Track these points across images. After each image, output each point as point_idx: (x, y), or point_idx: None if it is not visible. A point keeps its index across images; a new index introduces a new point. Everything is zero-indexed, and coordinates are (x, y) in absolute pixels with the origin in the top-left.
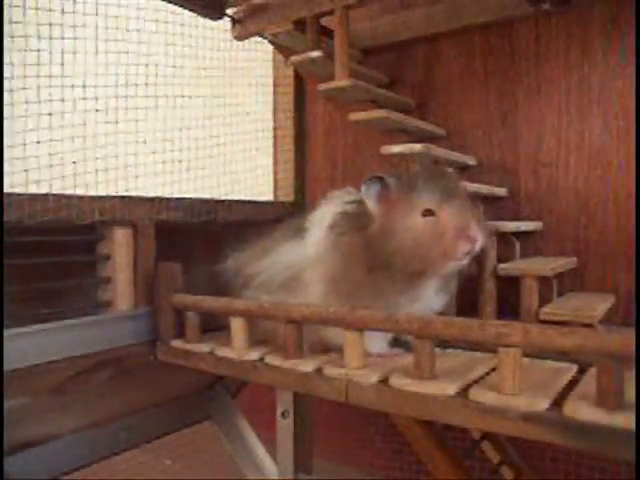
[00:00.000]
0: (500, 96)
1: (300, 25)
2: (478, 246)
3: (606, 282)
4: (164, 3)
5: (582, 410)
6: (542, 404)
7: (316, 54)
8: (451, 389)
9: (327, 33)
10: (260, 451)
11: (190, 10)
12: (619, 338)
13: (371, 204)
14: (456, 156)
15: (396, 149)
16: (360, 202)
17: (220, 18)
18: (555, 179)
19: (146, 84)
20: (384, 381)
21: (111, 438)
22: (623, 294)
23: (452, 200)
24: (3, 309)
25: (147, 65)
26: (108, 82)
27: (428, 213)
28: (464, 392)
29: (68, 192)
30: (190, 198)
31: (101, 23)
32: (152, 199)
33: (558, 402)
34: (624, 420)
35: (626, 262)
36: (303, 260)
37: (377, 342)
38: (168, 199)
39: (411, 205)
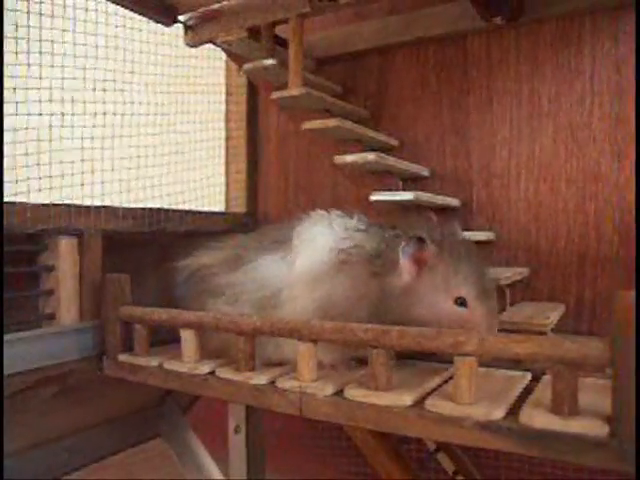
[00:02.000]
0: (453, 107)
1: (254, 33)
2: None
3: (556, 291)
4: (114, 6)
5: (537, 417)
6: (498, 413)
7: (270, 62)
8: (407, 400)
9: (281, 42)
10: (212, 468)
11: (142, 15)
12: (573, 345)
13: (405, 264)
14: (409, 166)
15: (349, 159)
16: (372, 235)
17: (172, 24)
18: (507, 190)
19: (94, 89)
20: (339, 393)
21: (53, 460)
22: (573, 303)
23: (487, 297)
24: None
25: (95, 69)
26: (54, 85)
27: (461, 302)
28: (420, 403)
29: (9, 199)
30: (139, 207)
31: (46, 24)
32: (99, 208)
33: (514, 410)
34: (579, 426)
35: (575, 271)
36: (287, 278)
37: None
38: (116, 208)
39: (446, 286)
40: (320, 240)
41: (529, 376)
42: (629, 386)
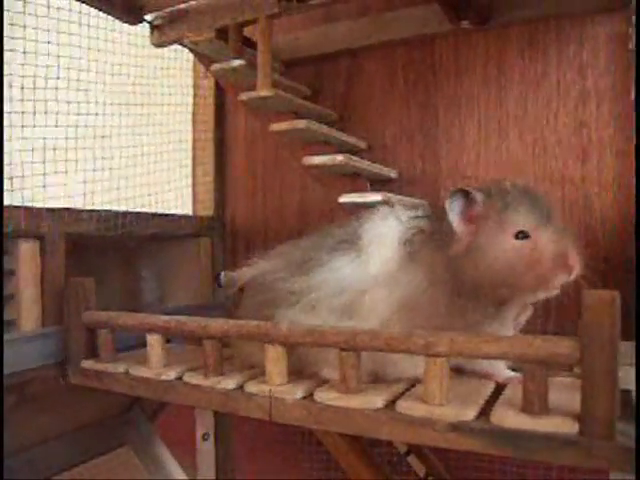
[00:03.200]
0: (421, 110)
1: (222, 34)
2: (575, 275)
3: None
4: (78, 3)
5: (509, 417)
6: (469, 413)
7: (238, 63)
8: (378, 402)
9: (249, 43)
10: (180, 476)
11: (107, 13)
12: (543, 344)
13: (455, 221)
14: (378, 168)
15: (318, 160)
16: (433, 217)
17: (138, 23)
18: None
19: (56, 88)
20: (309, 396)
21: (14, 473)
22: (541, 303)
23: (549, 222)
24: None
25: (57, 67)
26: (13, 83)
27: (522, 235)
28: (391, 405)
29: None
30: (104, 210)
31: (5, 19)
32: (62, 210)
33: (485, 411)
34: (549, 424)
35: None
36: (366, 281)
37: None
38: (80, 211)
39: (502, 225)
40: (388, 235)
41: None
42: (598, 384)
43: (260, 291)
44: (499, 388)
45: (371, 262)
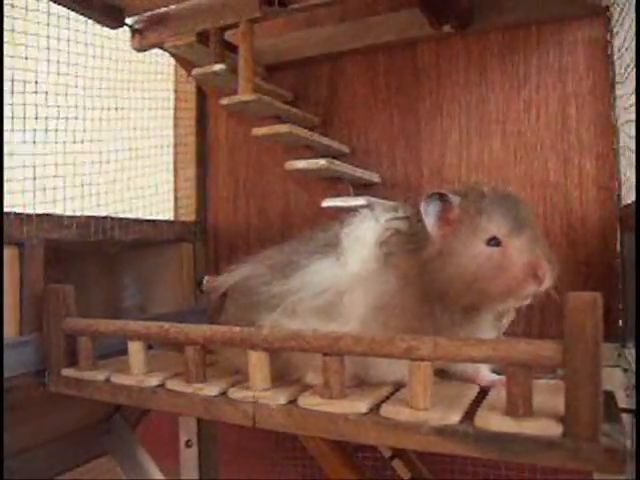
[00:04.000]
0: (404, 114)
1: (203, 38)
2: (545, 287)
3: None
4: (57, 6)
5: (493, 420)
6: (454, 417)
7: (219, 67)
8: (362, 407)
9: (231, 47)
10: None
11: (88, 17)
12: (527, 347)
13: (430, 223)
14: (360, 173)
15: (300, 164)
16: (412, 219)
17: (119, 27)
18: None
19: (35, 92)
20: (293, 402)
21: None
22: (523, 306)
23: (522, 230)
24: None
25: (36, 71)
26: None
27: (494, 242)
28: (375, 409)
29: None
30: (84, 215)
31: None
32: (41, 216)
33: (469, 414)
34: (534, 427)
35: None
36: (344, 281)
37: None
38: (60, 216)
39: (475, 230)
40: (366, 236)
41: None
42: (581, 386)
43: (243, 295)
44: (483, 391)
45: (349, 263)
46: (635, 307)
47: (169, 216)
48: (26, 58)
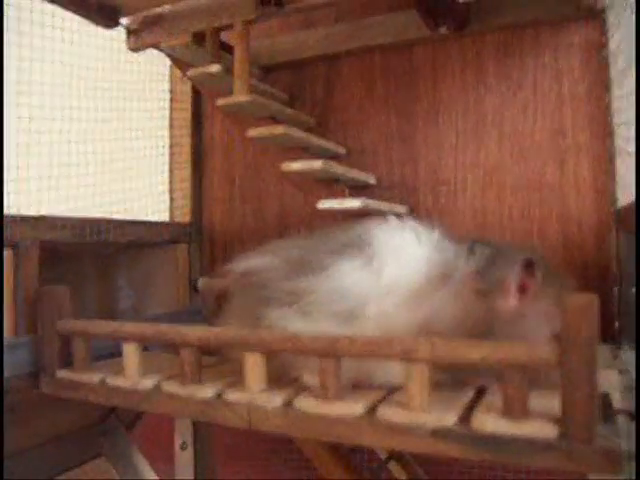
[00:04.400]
0: (400, 115)
1: (199, 38)
2: None
3: None
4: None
5: (489, 422)
6: (450, 419)
7: (215, 68)
8: (358, 409)
9: (227, 48)
10: None
11: (82, 17)
12: (524, 348)
13: (513, 285)
14: (356, 174)
15: (296, 166)
16: (475, 257)
17: (114, 27)
18: (453, 197)
19: (27, 92)
20: (289, 404)
21: None
22: None
23: None
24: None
25: (30, 71)
26: None
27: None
28: (372, 411)
29: None
30: (79, 217)
31: None
32: (36, 217)
33: (466, 416)
34: (530, 428)
35: None
36: (375, 291)
37: None
38: (54, 218)
39: (551, 318)
40: (411, 250)
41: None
42: (577, 388)
43: (253, 287)
44: (479, 392)
45: (386, 272)
46: (635, 308)
47: (164, 217)
48: (19, 58)
